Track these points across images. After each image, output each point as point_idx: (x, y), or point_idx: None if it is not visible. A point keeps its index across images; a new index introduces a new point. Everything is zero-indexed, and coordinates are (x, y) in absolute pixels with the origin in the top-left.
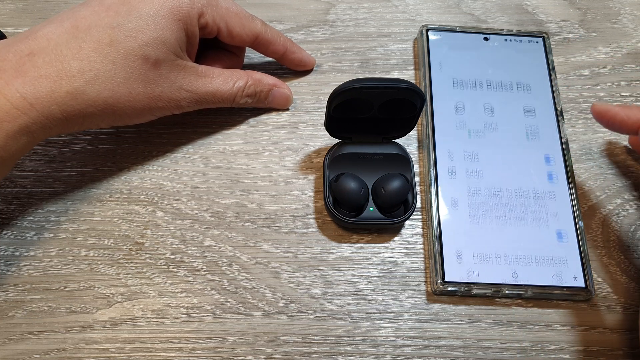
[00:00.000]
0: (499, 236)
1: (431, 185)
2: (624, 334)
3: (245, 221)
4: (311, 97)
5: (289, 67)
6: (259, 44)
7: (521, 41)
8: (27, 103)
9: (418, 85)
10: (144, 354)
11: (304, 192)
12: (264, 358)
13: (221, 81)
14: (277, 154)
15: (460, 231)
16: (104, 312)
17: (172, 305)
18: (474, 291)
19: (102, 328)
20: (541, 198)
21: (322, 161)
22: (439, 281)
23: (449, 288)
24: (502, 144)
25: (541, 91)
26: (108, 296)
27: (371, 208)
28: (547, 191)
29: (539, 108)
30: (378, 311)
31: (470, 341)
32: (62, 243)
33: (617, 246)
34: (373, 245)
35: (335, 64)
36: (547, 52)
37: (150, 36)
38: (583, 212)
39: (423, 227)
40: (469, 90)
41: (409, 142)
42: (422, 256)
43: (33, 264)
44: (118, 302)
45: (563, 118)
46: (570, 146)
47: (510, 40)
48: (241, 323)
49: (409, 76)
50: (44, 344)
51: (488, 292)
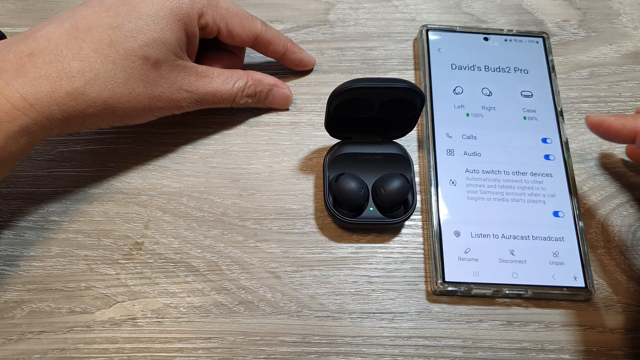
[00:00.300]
0: (497, 215)
1: (431, 185)
2: (624, 334)
3: (245, 221)
4: (311, 97)
5: (289, 67)
6: (259, 44)
7: (521, 41)
8: (27, 103)
9: (418, 85)
10: (144, 354)
11: (304, 192)
12: (264, 358)
13: (221, 81)
14: (277, 154)
15: (458, 211)
16: (104, 312)
17: (172, 305)
18: (474, 291)
19: (102, 328)
20: (542, 202)
21: (322, 161)
22: (439, 281)
23: (449, 288)
24: (504, 145)
25: (541, 91)
26: (108, 296)
27: (371, 208)
28: (550, 201)
29: (539, 108)
30: (378, 311)
31: (470, 341)
32: (62, 243)
33: (617, 246)
34: (373, 245)
35: (335, 64)
36: (547, 52)
37: (150, 36)
38: (583, 212)
39: (423, 227)
40: (469, 90)
41: (409, 142)
42: (422, 256)
43: (33, 264)
44: (118, 302)
45: (563, 118)
46: (570, 146)
47: (510, 40)
48: (241, 323)
49: (409, 76)
50: (44, 344)
51: (488, 292)
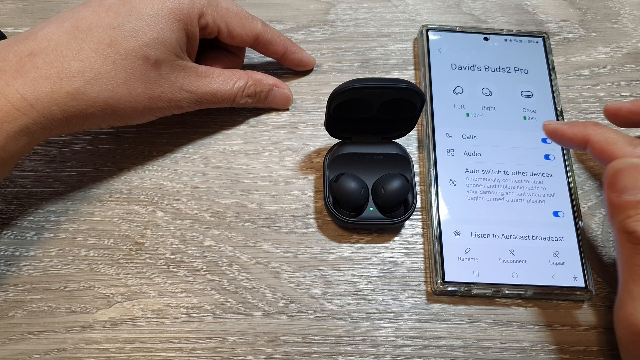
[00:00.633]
0: (497, 215)
1: (431, 185)
2: None
3: (245, 221)
4: (311, 97)
5: (289, 67)
6: (259, 44)
7: (521, 41)
8: (28, 104)
9: (418, 85)
10: (144, 354)
11: (304, 192)
12: (264, 358)
13: (221, 81)
14: (277, 154)
15: (458, 211)
16: (104, 312)
17: (172, 305)
18: (474, 291)
19: (102, 328)
20: (542, 202)
21: (322, 161)
22: (439, 281)
23: (449, 288)
24: (504, 145)
25: (541, 91)
26: (108, 296)
27: (371, 208)
28: (550, 201)
29: (539, 108)
30: (378, 311)
31: (470, 341)
32: (62, 243)
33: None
34: (373, 245)
35: (335, 64)
36: (547, 52)
37: (150, 36)
38: (583, 212)
39: (423, 227)
40: (469, 90)
41: (409, 142)
42: (422, 256)
43: (33, 264)
44: (118, 302)
45: (563, 118)
46: None
47: (510, 40)
48: (241, 323)
49: (409, 76)
50: (44, 344)
51: (488, 292)
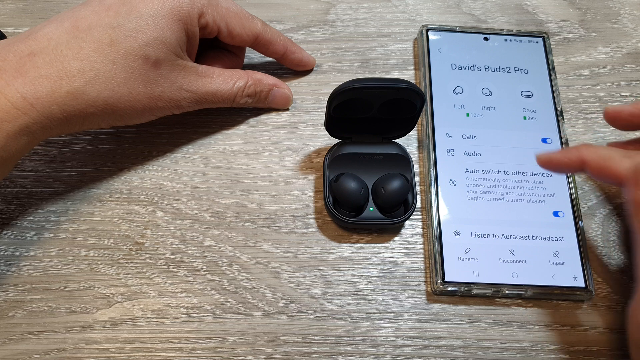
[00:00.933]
0: (497, 215)
1: (431, 185)
2: (624, 334)
3: (245, 221)
4: (311, 97)
5: (289, 67)
6: (259, 44)
7: (521, 41)
8: (28, 103)
9: (418, 85)
10: (144, 354)
11: (304, 192)
12: (264, 358)
13: (221, 81)
14: (277, 154)
15: (458, 211)
16: (104, 312)
17: (172, 305)
18: (474, 291)
19: (102, 328)
20: (542, 202)
21: (322, 161)
22: (439, 281)
23: (449, 288)
24: (504, 145)
25: (541, 91)
26: (108, 296)
27: (371, 208)
28: (550, 201)
29: (539, 108)
30: (378, 311)
31: (470, 341)
32: (62, 243)
33: (617, 246)
34: (373, 245)
35: (335, 64)
36: (547, 52)
37: (150, 36)
38: (583, 212)
39: (423, 227)
40: (469, 90)
41: (409, 142)
42: (422, 256)
43: (33, 264)
44: (118, 302)
45: (563, 118)
46: (570, 146)
47: (510, 40)
48: (241, 323)
49: (409, 76)
50: (44, 344)
51: (488, 292)
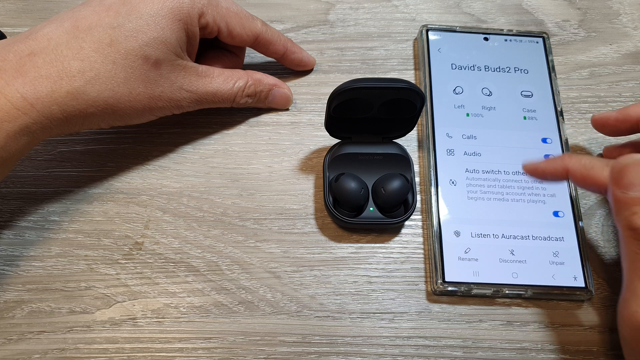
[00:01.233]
0: (497, 215)
1: (431, 185)
2: None
3: (245, 221)
4: (311, 97)
5: (289, 67)
6: (259, 44)
7: (521, 41)
8: (28, 103)
9: (418, 85)
10: (144, 354)
11: (304, 192)
12: (264, 358)
13: (221, 81)
14: (277, 154)
15: (458, 211)
16: (104, 312)
17: (172, 305)
18: (474, 291)
19: (102, 328)
20: (542, 202)
21: (322, 161)
22: (439, 281)
23: (449, 288)
24: (504, 145)
25: (541, 91)
26: (108, 296)
27: (371, 208)
28: (550, 201)
29: (539, 108)
30: (378, 311)
31: (470, 341)
32: (62, 243)
33: (617, 246)
34: (373, 245)
35: (335, 64)
36: (547, 52)
37: (150, 36)
38: (583, 212)
39: (423, 227)
40: (469, 90)
41: (409, 142)
42: (422, 256)
43: (33, 264)
44: (118, 302)
45: (563, 118)
46: (570, 146)
47: (510, 40)
48: (241, 323)
49: (409, 76)
50: (44, 344)
51: (488, 292)
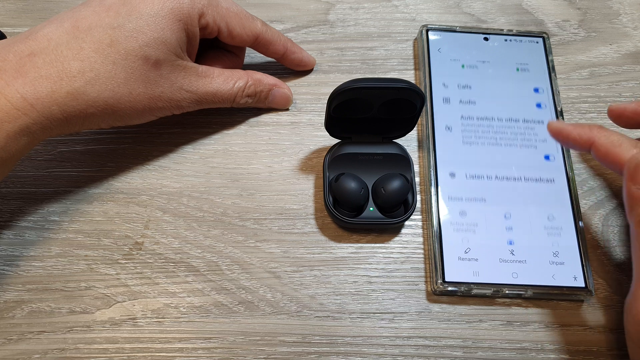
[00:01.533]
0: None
1: (431, 185)
2: (624, 334)
3: (245, 221)
4: (311, 97)
5: (289, 67)
6: (259, 44)
7: (521, 41)
8: (28, 104)
9: (418, 85)
10: (144, 354)
11: (304, 192)
12: (264, 358)
13: (221, 81)
14: (277, 154)
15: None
16: (104, 312)
17: (172, 305)
18: (474, 291)
19: (102, 328)
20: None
21: (322, 161)
22: (439, 281)
23: (449, 288)
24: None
25: (541, 91)
26: (108, 296)
27: (371, 208)
28: (550, 201)
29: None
30: (378, 311)
31: (470, 341)
32: (62, 243)
33: (617, 246)
34: (373, 245)
35: (335, 64)
36: (547, 52)
37: (150, 36)
38: (583, 212)
39: (423, 227)
40: (469, 90)
41: (409, 142)
42: (422, 256)
43: (33, 264)
44: (118, 302)
45: (563, 118)
46: None
47: (510, 40)
48: (241, 323)
49: (409, 76)
50: (44, 344)
51: (488, 292)
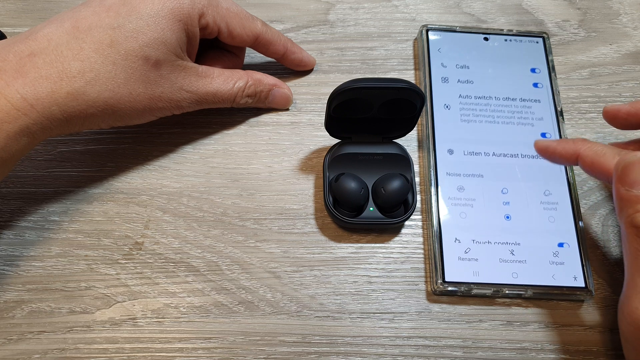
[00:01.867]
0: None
1: (431, 185)
2: None
3: (245, 221)
4: (311, 97)
5: (289, 67)
6: (259, 45)
7: (521, 41)
8: (28, 104)
9: (418, 85)
10: (144, 354)
11: (304, 192)
12: (264, 358)
13: (221, 81)
14: (277, 154)
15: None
16: (104, 312)
17: (172, 305)
18: (474, 291)
19: (102, 328)
20: (543, 203)
21: (322, 161)
22: (439, 281)
23: (449, 288)
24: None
25: (541, 91)
26: (108, 296)
27: (371, 208)
28: (550, 201)
29: (539, 108)
30: (378, 311)
31: (470, 341)
32: (62, 243)
33: (617, 246)
34: (373, 245)
35: (335, 64)
36: (547, 52)
37: (150, 37)
38: (583, 212)
39: (423, 227)
40: (469, 90)
41: (409, 142)
42: (422, 256)
43: (33, 264)
44: (118, 302)
45: (563, 118)
46: None
47: (510, 40)
48: (241, 323)
49: (409, 76)
50: (44, 344)
51: (488, 292)
